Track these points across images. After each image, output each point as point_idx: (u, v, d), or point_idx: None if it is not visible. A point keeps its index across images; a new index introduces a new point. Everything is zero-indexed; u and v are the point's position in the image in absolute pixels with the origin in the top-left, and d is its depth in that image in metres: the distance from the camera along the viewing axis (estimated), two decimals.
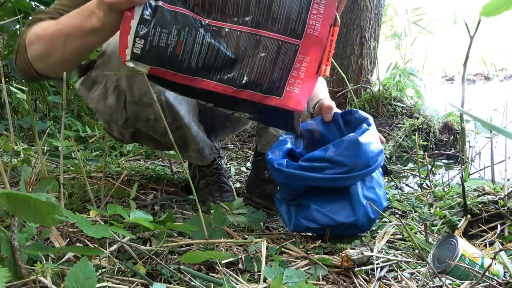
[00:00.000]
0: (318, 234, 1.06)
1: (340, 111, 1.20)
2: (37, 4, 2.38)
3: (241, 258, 0.86)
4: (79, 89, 1.17)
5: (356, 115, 1.16)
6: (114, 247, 0.81)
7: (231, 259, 0.84)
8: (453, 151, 2.28)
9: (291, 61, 0.90)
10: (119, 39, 0.85)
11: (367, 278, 0.84)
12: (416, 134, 2.24)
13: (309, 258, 0.89)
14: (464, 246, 0.87)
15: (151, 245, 0.91)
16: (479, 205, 1.20)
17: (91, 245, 0.86)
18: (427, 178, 1.69)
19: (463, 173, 1.56)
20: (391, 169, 1.97)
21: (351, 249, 0.89)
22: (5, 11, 2.16)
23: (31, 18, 1.05)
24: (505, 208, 1.16)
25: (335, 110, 1.20)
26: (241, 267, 0.84)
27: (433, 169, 1.95)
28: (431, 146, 2.32)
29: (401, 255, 0.96)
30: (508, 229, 1.12)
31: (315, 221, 1.03)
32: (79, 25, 0.91)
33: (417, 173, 1.81)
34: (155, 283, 0.66)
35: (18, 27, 2.29)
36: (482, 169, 1.67)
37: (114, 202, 1.20)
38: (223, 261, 0.82)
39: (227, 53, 0.88)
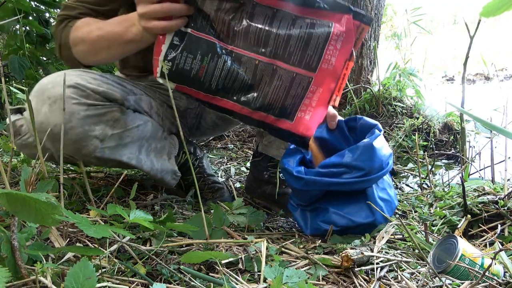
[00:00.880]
0: (324, 235, 1.11)
1: (343, 118, 1.27)
2: (37, 4, 2.38)
3: (241, 258, 0.86)
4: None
5: (362, 121, 1.22)
6: (114, 247, 0.81)
7: (231, 259, 0.84)
8: (453, 151, 2.28)
9: (304, 91, 0.97)
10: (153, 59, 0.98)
11: (367, 278, 0.84)
12: (416, 134, 2.23)
13: (309, 258, 0.89)
14: (464, 246, 0.87)
15: (151, 245, 0.91)
16: (479, 205, 1.21)
17: (91, 245, 0.86)
18: (427, 178, 1.69)
19: (463, 173, 1.56)
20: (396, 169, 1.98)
21: (351, 249, 0.89)
22: (5, 11, 2.15)
23: (60, 15, 1.14)
24: (505, 208, 1.16)
25: (339, 118, 1.26)
26: (241, 267, 0.84)
27: (433, 169, 1.94)
28: (431, 146, 2.31)
29: (401, 255, 0.96)
30: (508, 229, 1.12)
31: (334, 224, 1.09)
32: (121, 33, 1.03)
33: (417, 173, 1.81)
34: (155, 283, 0.66)
35: (18, 27, 2.29)
36: (482, 169, 1.67)
37: (114, 202, 1.20)
38: (223, 261, 0.82)
39: (245, 78, 0.98)
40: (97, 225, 0.74)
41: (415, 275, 0.86)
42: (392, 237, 1.08)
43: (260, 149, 1.41)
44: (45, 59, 2.50)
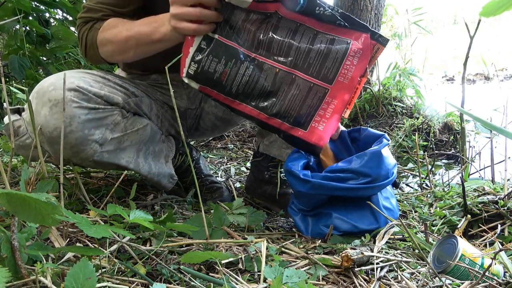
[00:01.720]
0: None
1: (346, 129, 1.29)
2: (37, 4, 2.38)
3: (241, 258, 0.86)
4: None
5: (366, 132, 1.24)
6: (114, 247, 0.81)
7: (231, 259, 0.84)
8: (453, 151, 2.28)
9: (319, 101, 1.01)
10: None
11: (367, 278, 0.84)
12: (416, 134, 2.23)
13: (309, 258, 0.89)
14: (464, 246, 0.87)
15: (151, 245, 0.91)
16: (479, 205, 1.21)
17: (91, 245, 0.86)
18: (427, 178, 1.69)
19: (463, 173, 1.56)
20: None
21: (351, 249, 0.89)
22: (5, 11, 2.15)
23: (83, 17, 1.17)
24: (505, 208, 1.16)
25: (342, 128, 1.28)
26: (241, 267, 0.84)
27: (433, 169, 1.95)
28: (431, 146, 2.31)
29: (401, 255, 0.96)
30: (508, 229, 1.12)
31: (337, 228, 1.09)
32: (149, 33, 1.07)
33: (417, 173, 1.81)
34: (155, 283, 0.66)
35: (18, 27, 2.29)
36: (482, 169, 1.67)
37: (114, 202, 1.20)
38: (223, 261, 0.82)
39: (264, 84, 1.02)
40: (97, 225, 0.74)
41: (415, 275, 0.86)
42: (392, 237, 1.08)
43: (261, 149, 1.40)
44: (45, 59, 2.50)
